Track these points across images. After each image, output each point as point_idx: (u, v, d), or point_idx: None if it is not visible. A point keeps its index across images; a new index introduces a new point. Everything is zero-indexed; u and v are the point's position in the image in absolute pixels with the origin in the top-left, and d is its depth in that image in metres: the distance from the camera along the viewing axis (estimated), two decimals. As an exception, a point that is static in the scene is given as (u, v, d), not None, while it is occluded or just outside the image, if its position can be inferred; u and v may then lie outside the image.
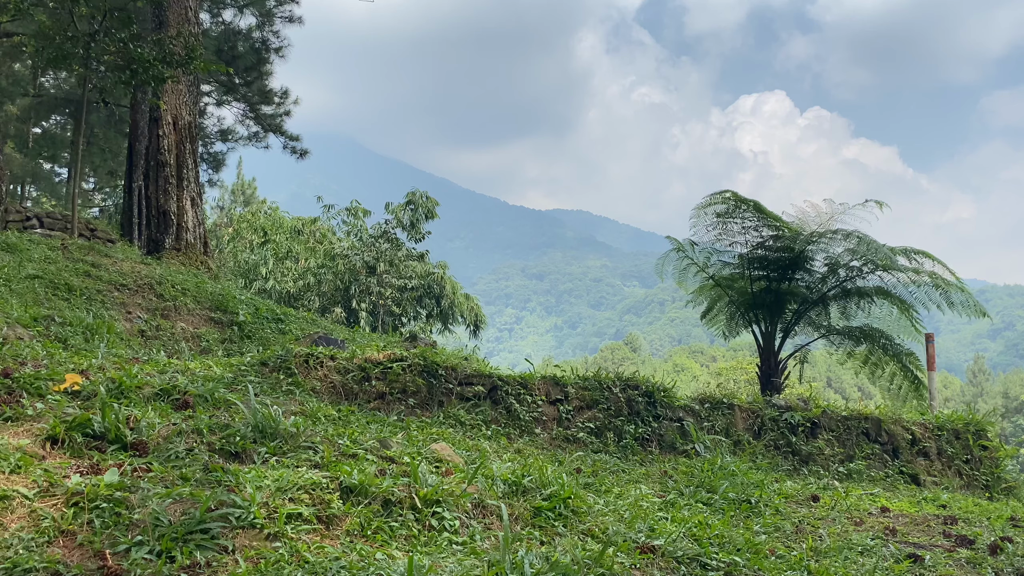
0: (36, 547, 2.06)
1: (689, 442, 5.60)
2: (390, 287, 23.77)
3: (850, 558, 3.30)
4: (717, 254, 11.88)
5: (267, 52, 20.39)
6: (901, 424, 6.76)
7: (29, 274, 7.77)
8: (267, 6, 19.91)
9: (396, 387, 4.97)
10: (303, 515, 2.46)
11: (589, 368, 6.36)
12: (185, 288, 9.30)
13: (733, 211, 11.12)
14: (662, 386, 5.93)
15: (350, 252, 24.41)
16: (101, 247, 10.54)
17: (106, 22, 11.35)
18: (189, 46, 11.56)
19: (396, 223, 24.78)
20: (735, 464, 4.99)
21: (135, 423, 2.90)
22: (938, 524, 4.30)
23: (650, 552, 2.79)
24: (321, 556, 2.25)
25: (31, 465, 2.42)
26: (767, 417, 6.29)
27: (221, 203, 35.20)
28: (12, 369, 3.35)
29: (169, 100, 13.76)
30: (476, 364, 5.91)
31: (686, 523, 3.35)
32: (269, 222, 27.49)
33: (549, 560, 2.45)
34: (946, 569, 3.30)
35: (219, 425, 3.04)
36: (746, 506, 4.10)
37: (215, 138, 23.24)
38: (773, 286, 11.30)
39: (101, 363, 3.99)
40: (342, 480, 2.68)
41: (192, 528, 2.21)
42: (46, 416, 2.86)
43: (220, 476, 2.57)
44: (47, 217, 12.59)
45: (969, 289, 10.76)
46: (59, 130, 25.67)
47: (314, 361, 4.86)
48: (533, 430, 5.15)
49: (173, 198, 13.85)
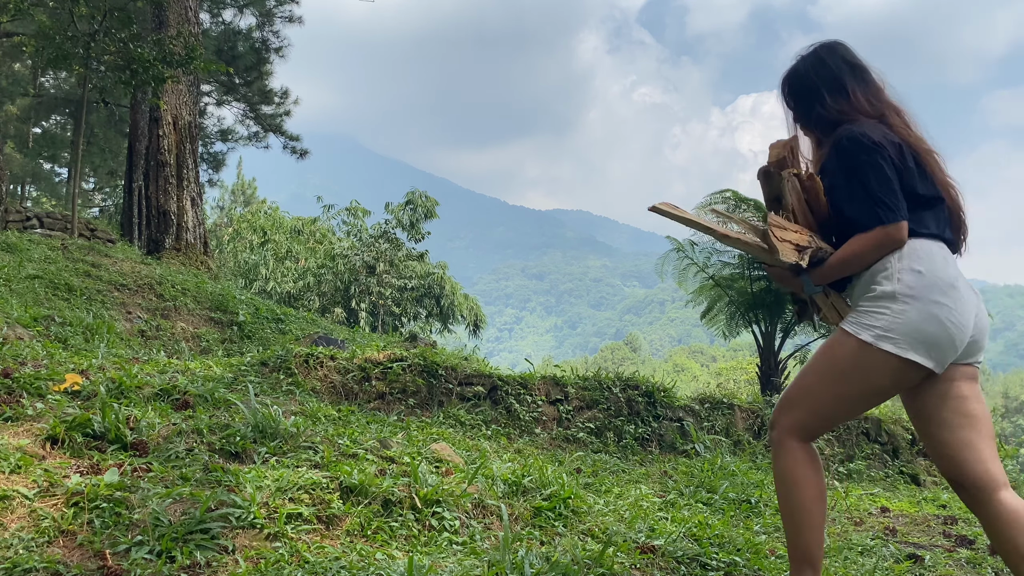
0: (36, 547, 2.06)
1: (689, 442, 5.60)
2: (390, 287, 23.77)
3: (850, 558, 3.30)
4: (717, 254, 11.89)
5: (267, 52, 20.39)
6: (901, 424, 6.77)
7: (29, 274, 7.77)
8: (267, 6, 19.90)
9: (396, 387, 4.97)
10: (303, 515, 2.46)
11: (589, 368, 6.36)
12: (185, 288, 9.30)
13: (733, 211, 11.12)
14: (662, 386, 5.93)
15: (350, 252, 24.42)
16: (101, 247, 10.54)
17: (106, 22, 11.34)
18: (189, 46, 11.55)
19: (396, 223, 24.78)
20: (735, 464, 5.00)
21: (135, 423, 2.90)
22: (938, 524, 4.30)
23: (650, 552, 2.79)
24: (321, 556, 2.25)
25: (31, 465, 2.42)
26: (767, 417, 6.30)
27: (221, 203, 35.21)
28: (12, 369, 3.35)
29: (169, 100, 13.76)
30: (476, 364, 5.92)
31: (686, 523, 3.36)
32: (269, 222, 27.49)
33: (549, 560, 2.45)
34: (946, 569, 3.31)
35: (219, 425, 3.05)
36: (746, 506, 4.11)
37: (215, 138, 23.25)
38: (773, 286, 11.31)
39: (101, 363, 3.99)
40: (342, 480, 2.68)
41: (192, 528, 2.21)
42: (46, 416, 2.86)
43: (220, 476, 2.57)
44: (47, 217, 12.59)
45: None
46: (59, 130, 25.67)
47: (314, 361, 4.87)
48: (533, 430, 5.15)
49: (173, 198, 13.85)
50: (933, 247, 2.27)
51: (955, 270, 2.28)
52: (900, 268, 2.23)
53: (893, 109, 2.39)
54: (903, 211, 2.23)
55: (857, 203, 2.25)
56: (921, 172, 2.31)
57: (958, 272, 2.29)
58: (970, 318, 2.24)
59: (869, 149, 2.25)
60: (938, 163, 2.36)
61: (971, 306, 2.25)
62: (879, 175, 2.23)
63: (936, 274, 2.22)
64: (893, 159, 2.25)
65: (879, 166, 2.23)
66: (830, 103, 2.40)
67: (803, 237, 2.31)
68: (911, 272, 2.21)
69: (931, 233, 2.28)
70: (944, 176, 2.36)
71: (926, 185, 2.30)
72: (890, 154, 2.25)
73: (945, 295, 2.20)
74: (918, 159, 2.31)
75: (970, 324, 2.24)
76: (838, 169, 2.30)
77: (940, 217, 2.32)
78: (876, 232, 2.22)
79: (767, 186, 2.40)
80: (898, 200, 2.23)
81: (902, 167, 2.26)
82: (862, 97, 2.39)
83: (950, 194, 2.36)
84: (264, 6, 19.86)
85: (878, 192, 2.22)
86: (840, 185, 2.30)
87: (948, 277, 2.23)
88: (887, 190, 2.22)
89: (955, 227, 2.37)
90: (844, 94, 2.39)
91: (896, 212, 2.22)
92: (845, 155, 2.28)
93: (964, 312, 2.22)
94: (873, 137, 2.26)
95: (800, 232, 2.32)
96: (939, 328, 2.18)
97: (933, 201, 2.31)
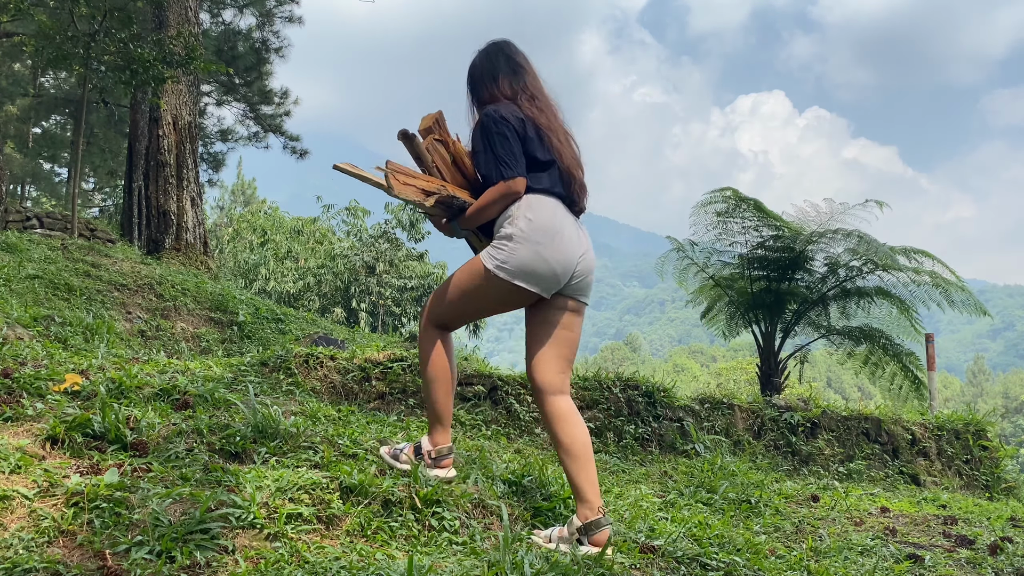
0: (36, 547, 2.06)
1: (689, 442, 5.60)
2: (390, 287, 23.77)
3: (850, 558, 3.30)
4: (717, 254, 11.89)
5: (267, 52, 20.39)
6: (901, 424, 6.76)
7: (29, 274, 7.77)
8: (267, 6, 19.91)
9: (396, 387, 4.96)
10: (303, 515, 2.46)
11: (589, 368, 6.36)
12: (185, 288, 9.30)
13: (733, 210, 11.13)
14: (662, 386, 5.92)
15: (350, 252, 24.42)
16: (101, 247, 10.54)
17: (106, 22, 11.34)
18: (189, 46, 11.56)
19: (396, 223, 24.79)
20: (735, 464, 4.99)
21: (135, 423, 2.90)
22: (938, 524, 4.30)
23: (650, 552, 2.78)
24: (321, 556, 2.25)
25: (31, 465, 2.41)
26: (767, 417, 6.30)
27: (221, 203, 35.22)
28: (12, 369, 3.35)
29: (169, 100, 13.76)
30: (476, 364, 5.91)
31: (686, 523, 3.36)
32: (269, 222, 27.50)
33: (549, 560, 2.45)
34: (946, 569, 3.30)
35: (219, 425, 3.04)
36: (746, 506, 4.10)
37: (215, 138, 23.23)
38: (773, 286, 11.31)
39: (101, 363, 3.99)
40: (342, 480, 2.68)
41: (192, 528, 2.21)
42: (46, 416, 2.85)
43: (220, 476, 2.57)
44: (47, 217, 12.59)
45: (969, 288, 10.76)
46: (59, 130, 25.67)
47: (314, 361, 4.86)
48: (533, 430, 5.15)
49: (173, 198, 13.85)
50: (545, 200, 2.85)
51: (562, 219, 2.85)
52: (518, 216, 2.80)
53: (529, 95, 2.98)
54: (520, 169, 2.81)
55: (488, 164, 2.85)
56: (540, 142, 2.89)
57: (566, 221, 2.87)
58: (572, 259, 2.83)
59: (498, 122, 2.84)
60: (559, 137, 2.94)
61: (574, 250, 2.84)
62: (503, 142, 2.82)
63: (543, 222, 2.79)
64: (516, 130, 2.84)
65: (504, 135, 2.82)
66: (486, 89, 3.02)
67: (432, 185, 2.87)
68: (524, 219, 2.79)
69: (544, 189, 2.87)
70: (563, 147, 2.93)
71: (544, 152, 2.89)
72: (514, 127, 2.84)
73: (550, 239, 2.78)
74: (539, 132, 2.89)
75: (572, 264, 2.83)
76: (479, 138, 2.90)
77: (554, 177, 2.90)
78: (499, 185, 2.80)
79: (409, 147, 2.90)
80: (516, 161, 2.81)
81: (524, 137, 2.85)
82: (506, 85, 2.99)
83: (563, 159, 2.92)
84: (264, 6, 19.87)
85: (501, 154, 2.81)
86: (479, 151, 2.90)
87: (554, 225, 2.81)
88: (508, 153, 2.81)
89: (567, 184, 2.93)
90: (495, 83, 3.01)
91: (514, 170, 2.80)
92: (483, 128, 2.88)
93: (566, 253, 2.81)
94: (503, 113, 2.86)
95: (431, 182, 2.88)
96: (542, 264, 2.77)
97: (548, 164, 2.89)
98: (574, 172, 2.94)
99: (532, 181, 2.85)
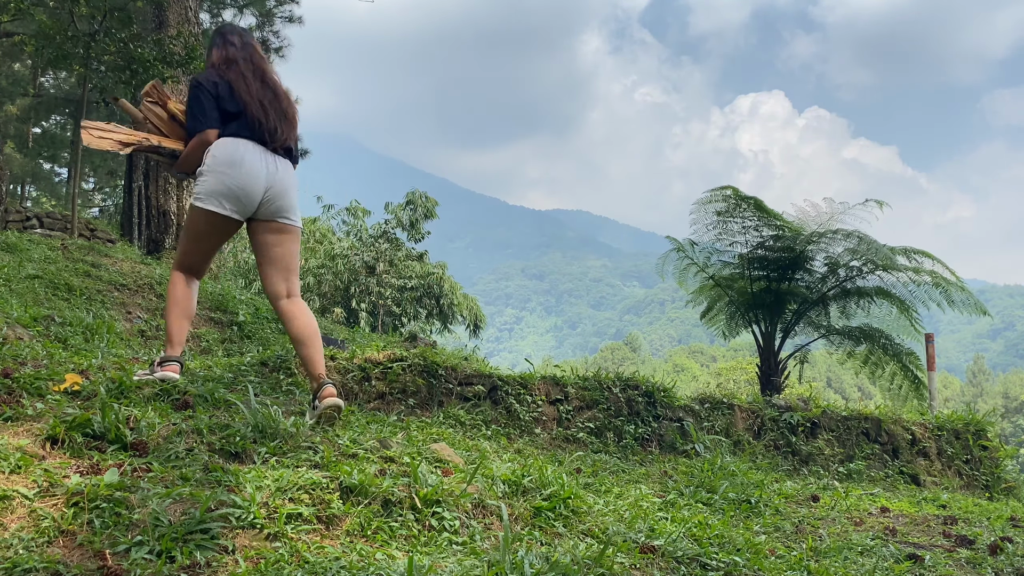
0: (36, 547, 2.06)
1: (689, 442, 5.60)
2: (390, 287, 23.77)
3: (850, 558, 3.30)
4: (717, 254, 11.88)
5: (267, 52, 20.38)
6: (901, 424, 6.76)
7: (29, 274, 7.77)
8: (267, 6, 19.90)
9: (396, 387, 4.96)
10: (303, 515, 2.46)
11: (589, 368, 6.36)
12: (185, 288, 9.27)
13: (733, 209, 11.11)
14: (662, 386, 5.92)
15: (350, 252, 24.41)
16: (101, 247, 10.54)
17: (106, 22, 11.34)
18: (189, 46, 11.56)
19: (396, 223, 24.78)
20: (735, 464, 4.99)
21: (135, 423, 2.90)
22: (938, 524, 4.30)
23: (650, 552, 2.78)
24: (321, 556, 2.25)
25: (31, 465, 2.41)
26: (767, 417, 6.30)
27: (221, 203, 35.16)
28: (12, 369, 3.35)
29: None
30: (476, 364, 5.91)
31: (686, 523, 3.35)
32: (269, 222, 27.41)
33: (549, 560, 2.44)
34: (946, 569, 3.30)
35: (219, 425, 3.04)
36: (746, 506, 4.10)
37: (215, 138, 23.20)
38: (773, 286, 11.30)
39: (101, 363, 3.99)
40: (342, 480, 2.68)
41: (192, 528, 2.20)
42: (46, 416, 2.85)
43: (220, 476, 2.57)
44: (47, 217, 12.60)
45: (969, 288, 10.75)
46: (59, 130, 25.65)
47: (314, 361, 4.85)
48: (533, 430, 5.15)
49: (173, 198, 13.85)
50: (229, 141, 3.54)
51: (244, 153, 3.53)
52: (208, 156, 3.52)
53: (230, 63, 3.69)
54: (210, 123, 3.55)
55: (189, 120, 3.60)
56: (231, 98, 3.59)
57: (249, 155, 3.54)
58: (255, 184, 3.52)
59: (196, 86, 3.60)
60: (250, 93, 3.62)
61: (257, 176, 3.53)
62: (198, 102, 3.57)
63: (225, 156, 3.50)
64: (210, 91, 3.58)
65: (197, 97, 3.58)
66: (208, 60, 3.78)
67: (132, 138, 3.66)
68: (211, 156, 3.51)
69: (232, 133, 3.56)
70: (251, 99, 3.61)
71: (233, 105, 3.58)
72: (207, 89, 3.58)
73: (231, 167, 3.48)
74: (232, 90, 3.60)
75: (256, 189, 3.53)
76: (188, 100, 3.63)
77: (242, 124, 3.59)
78: (196, 137, 3.56)
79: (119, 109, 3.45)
80: (207, 116, 3.55)
81: (217, 96, 3.58)
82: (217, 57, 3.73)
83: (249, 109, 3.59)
84: (264, 6, 19.86)
85: (196, 112, 3.57)
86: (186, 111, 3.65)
87: (235, 158, 3.50)
88: (201, 110, 3.56)
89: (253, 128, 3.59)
90: (210, 54, 3.76)
91: (204, 124, 3.55)
92: (189, 91, 3.62)
93: (248, 178, 3.51)
94: (199, 79, 3.62)
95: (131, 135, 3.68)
96: (226, 189, 3.48)
97: (237, 115, 3.59)
98: (260, 118, 3.59)
99: (225, 130, 3.56)
